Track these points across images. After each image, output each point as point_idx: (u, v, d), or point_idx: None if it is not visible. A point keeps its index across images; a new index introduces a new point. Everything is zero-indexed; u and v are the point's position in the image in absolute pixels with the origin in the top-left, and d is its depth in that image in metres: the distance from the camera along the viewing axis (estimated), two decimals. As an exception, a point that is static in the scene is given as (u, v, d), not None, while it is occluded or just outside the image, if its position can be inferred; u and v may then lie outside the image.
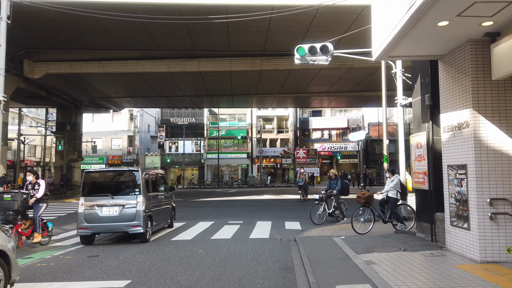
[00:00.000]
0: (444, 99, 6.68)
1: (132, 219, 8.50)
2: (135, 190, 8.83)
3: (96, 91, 29.39)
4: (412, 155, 8.05)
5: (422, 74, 7.76)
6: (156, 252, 7.58)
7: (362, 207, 9.65)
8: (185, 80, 26.85)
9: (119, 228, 8.71)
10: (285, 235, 9.59)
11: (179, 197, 24.91)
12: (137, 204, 8.59)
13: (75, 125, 31.47)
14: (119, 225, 8.60)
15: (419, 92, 7.87)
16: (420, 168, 7.72)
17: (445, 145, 6.66)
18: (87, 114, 44.81)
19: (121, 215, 8.54)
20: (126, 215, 8.53)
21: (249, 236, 9.43)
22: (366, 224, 9.51)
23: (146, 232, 8.75)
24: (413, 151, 8.03)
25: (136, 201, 8.63)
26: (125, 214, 8.54)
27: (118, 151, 45.87)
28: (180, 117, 47.84)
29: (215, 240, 8.80)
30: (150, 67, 23.42)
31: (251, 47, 21.40)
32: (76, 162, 31.75)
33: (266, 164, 46.91)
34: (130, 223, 8.49)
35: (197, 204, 19.96)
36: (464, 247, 6.09)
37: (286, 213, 14.74)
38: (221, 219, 13.10)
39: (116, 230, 8.95)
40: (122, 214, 8.54)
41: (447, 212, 6.61)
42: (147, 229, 8.83)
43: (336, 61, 22.80)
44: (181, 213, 14.96)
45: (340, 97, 33.51)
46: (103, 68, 23.33)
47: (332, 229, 10.32)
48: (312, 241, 8.13)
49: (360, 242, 7.78)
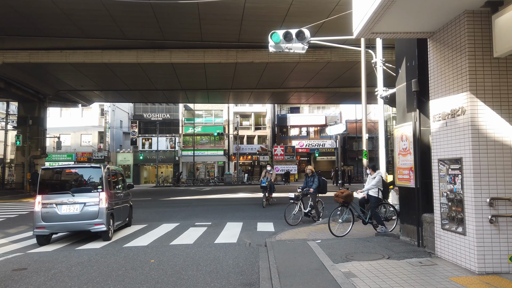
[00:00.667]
0: (435, 83, 5.80)
1: (94, 217, 8.29)
2: (97, 187, 8.64)
3: (60, 83, 27.57)
4: (396, 148, 7.17)
5: (408, 57, 6.87)
6: (99, 263, 6.41)
7: (340, 207, 8.75)
8: (156, 72, 25.46)
9: (81, 227, 8.40)
10: (255, 239, 8.59)
11: (148, 196, 23.61)
12: (99, 202, 8.40)
13: (38, 119, 29.54)
14: (80, 224, 8.32)
15: (404, 77, 6.99)
16: (405, 163, 6.84)
17: (435, 136, 5.79)
18: (55, 109, 42.70)
19: (82, 213, 8.29)
20: (88, 213, 8.30)
21: (214, 240, 8.37)
22: (344, 226, 8.61)
23: (108, 230, 8.57)
24: (397, 144, 7.14)
25: (98, 198, 8.43)
26: (87, 212, 8.30)
27: (88, 148, 43.84)
28: (154, 112, 46.16)
29: (174, 246, 7.68)
30: (117, 58, 21.93)
31: (225, 38, 20.26)
32: (39, 159, 29.81)
33: (243, 162, 45.89)
34: (92, 221, 8.27)
35: (166, 203, 18.69)
36: (458, 255, 5.22)
37: (259, 213, 13.75)
38: (188, 220, 11.99)
39: (77, 229, 8.58)
40: (84, 212, 8.30)
41: (437, 213, 5.74)
42: (109, 227, 8.65)
43: (314, 54, 22.14)
44: (145, 214, 13.75)
45: (318, 93, 32.81)
46: (66, 58, 21.72)
47: (308, 231, 9.39)
48: (284, 246, 7.15)
49: (338, 247, 6.86)
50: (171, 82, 28.33)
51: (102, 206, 8.40)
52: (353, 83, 28.35)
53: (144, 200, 20.15)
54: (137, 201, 19.97)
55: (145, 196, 23.66)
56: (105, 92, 32.19)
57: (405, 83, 6.90)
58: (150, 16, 17.00)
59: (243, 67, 24.05)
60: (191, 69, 24.42)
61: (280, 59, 22.19)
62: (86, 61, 21.87)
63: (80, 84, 28.02)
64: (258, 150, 45.65)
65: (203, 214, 13.60)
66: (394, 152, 7.24)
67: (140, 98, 36.30)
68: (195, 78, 27.12)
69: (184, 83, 28.57)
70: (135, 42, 20.91)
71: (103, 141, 44.09)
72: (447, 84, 5.46)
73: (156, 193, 26.41)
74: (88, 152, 43.43)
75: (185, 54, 22.05)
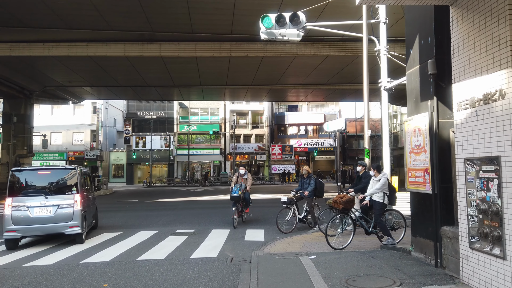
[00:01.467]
0: (461, 61, 4.56)
1: (69, 219, 8.13)
2: (72, 189, 8.50)
3: (47, 78, 26.28)
4: (407, 145, 5.94)
5: (421, 34, 5.64)
6: (39, 287, 5.17)
7: (339, 214, 7.51)
8: (146, 67, 24.18)
9: (54, 229, 8.15)
10: (240, 251, 7.36)
11: (135, 197, 22.33)
12: (74, 204, 8.24)
13: (24, 117, 28.27)
14: (54, 226, 8.10)
15: (416, 59, 5.76)
16: (419, 164, 5.61)
17: (460, 129, 4.55)
18: (46, 106, 41.49)
19: (56, 215, 8.09)
20: (62, 215, 8.11)
21: (191, 254, 7.12)
22: (344, 236, 7.38)
23: (83, 232, 8.43)
24: (408, 141, 5.91)
25: (73, 200, 8.28)
26: (61, 214, 8.11)
27: (80, 147, 42.53)
28: (148, 110, 44.85)
29: (140, 263, 6.43)
30: (103, 51, 20.66)
31: (217, 29, 19.02)
32: (25, 158, 28.55)
33: (240, 161, 44.62)
34: (66, 223, 8.10)
35: (151, 206, 17.39)
36: (494, 284, 3.98)
37: (251, 217, 12.50)
38: (170, 226, 10.74)
39: (50, 232, 8.23)
40: (58, 215, 8.10)
41: (463, 227, 4.51)
42: (83, 229, 8.50)
43: (312, 47, 20.92)
44: (125, 219, 12.52)
45: (316, 89, 31.60)
46: (49, 51, 20.46)
47: (302, 241, 8.18)
48: (272, 264, 5.92)
49: (336, 265, 5.63)
50: (163, 78, 27.08)
51: (77, 208, 8.22)
52: (353, 80, 27.18)
53: (129, 203, 18.91)
54: (122, 203, 18.78)
55: (132, 197, 22.44)
56: (96, 89, 30.95)
57: (419, 66, 5.67)
58: (135, 5, 15.77)
59: (237, 61, 22.82)
60: (183, 63, 23.16)
61: (276, 52, 21.01)
62: (71, 54, 20.59)
63: (68, 80, 26.75)
64: (255, 149, 44.41)
65: (189, 218, 12.35)
66: (405, 149, 6.01)
67: (133, 95, 35.06)
68: (187, 73, 25.85)
69: (176, 79, 27.32)
70: (122, 34, 19.65)
71: (96, 140, 42.80)
72: (477, 61, 4.23)
73: (146, 194, 25.15)
74: (80, 151, 42.14)
75: (175, 47, 20.81)
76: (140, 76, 26.01)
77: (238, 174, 11.21)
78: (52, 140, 42.49)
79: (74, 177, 8.70)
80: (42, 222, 8.01)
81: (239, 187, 10.64)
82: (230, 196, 10.62)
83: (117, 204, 18.13)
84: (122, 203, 18.63)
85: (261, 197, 21.00)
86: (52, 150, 42.07)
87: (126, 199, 20.65)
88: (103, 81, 27.57)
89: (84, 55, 20.69)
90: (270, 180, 41.82)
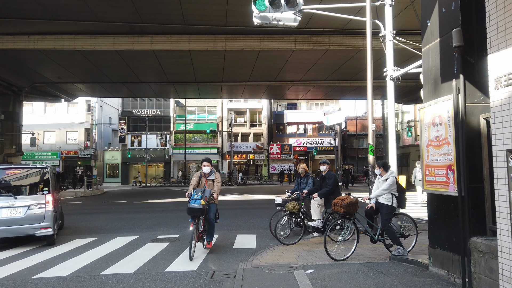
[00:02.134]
0: (501, 26, 3.52)
1: (40, 220, 7.82)
2: (43, 189, 8.18)
3: (34, 74, 25.22)
4: (424, 137, 4.91)
5: (442, 0, 4.60)
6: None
7: (340, 219, 6.48)
8: (138, 62, 23.11)
9: (24, 231, 7.80)
10: (226, 262, 6.33)
11: (125, 198, 21.24)
12: (46, 204, 7.94)
13: (13, 114, 27.22)
14: (24, 228, 7.77)
15: (436, 31, 4.72)
16: (440, 159, 4.57)
17: (500, 112, 3.51)
18: (39, 104, 40.49)
19: (27, 216, 7.75)
20: (33, 216, 7.79)
21: (167, 266, 6.06)
22: (346, 245, 6.37)
23: (54, 233, 8.16)
24: (425, 132, 4.88)
25: (45, 200, 7.97)
26: (32, 215, 7.79)
27: (74, 146, 41.47)
28: (144, 108, 43.80)
29: (103, 279, 5.37)
30: (92, 44, 19.62)
31: (211, 21, 17.99)
32: (14, 157, 27.47)
33: (238, 160, 43.64)
34: (38, 224, 7.79)
35: (140, 207, 16.30)
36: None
37: (243, 220, 11.51)
38: (153, 230, 9.72)
39: (20, 234, 7.87)
40: (28, 215, 7.76)
41: (504, 240, 3.47)
42: (55, 230, 8.26)
43: (311, 41, 19.93)
44: (106, 222, 11.48)
45: (316, 86, 30.58)
46: (34, 44, 19.41)
47: (299, 249, 7.17)
48: (260, 281, 4.89)
49: (338, 285, 4.60)
50: (156, 74, 26.04)
51: (49, 209, 7.92)
52: (354, 76, 26.21)
53: (117, 204, 17.84)
54: (109, 204, 17.74)
55: (122, 198, 21.38)
56: (89, 86, 29.91)
57: (439, 39, 4.64)
58: (121, -7, 14.77)
59: (233, 55, 21.78)
60: (176, 57, 22.09)
61: (274, 46, 20.02)
62: (57, 47, 19.55)
63: (57, 75, 25.68)
64: (253, 148, 43.40)
65: (175, 222, 11.29)
66: (421, 142, 4.97)
67: (127, 93, 33.99)
68: (181, 68, 24.79)
69: (170, 75, 26.27)
70: (110, 26, 18.59)
71: (90, 139, 41.75)
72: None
73: (137, 195, 24.09)
74: (73, 150, 41.10)
75: (167, 41, 19.78)
76: (132, 72, 24.96)
77: (200, 174, 7.29)
78: (45, 139, 41.49)
79: (46, 177, 8.35)
80: (10, 223, 7.66)
81: (202, 194, 6.71)
82: (188, 207, 6.66)
83: (104, 206, 17.07)
84: (109, 204, 17.57)
85: (258, 197, 19.98)
86: (45, 149, 41.06)
87: (115, 200, 19.62)
88: (95, 77, 26.52)
89: (71, 48, 19.64)
90: (268, 180, 40.84)
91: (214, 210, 7.07)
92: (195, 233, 6.62)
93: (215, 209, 7.10)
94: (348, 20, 16.97)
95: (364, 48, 10.57)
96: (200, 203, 6.57)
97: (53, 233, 8.05)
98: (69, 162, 41.66)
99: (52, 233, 7.97)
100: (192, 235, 6.53)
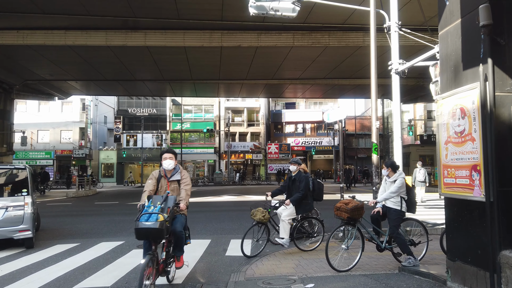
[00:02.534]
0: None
1: (19, 222, 7.56)
2: (22, 190, 7.88)
3: (25, 71, 24.52)
4: (442, 133, 4.28)
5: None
6: None
7: (344, 225, 5.86)
8: (132, 59, 22.46)
9: (2, 234, 7.51)
10: (216, 273, 5.70)
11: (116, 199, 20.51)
12: (25, 206, 7.67)
13: (4, 113, 26.51)
14: (1, 231, 7.47)
15: (457, 10, 4.10)
16: (462, 158, 3.95)
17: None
18: (33, 103, 39.79)
19: (4, 219, 7.49)
20: (11, 218, 7.53)
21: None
22: (350, 254, 5.74)
23: (33, 236, 7.86)
24: (443, 127, 4.25)
25: (24, 202, 7.71)
26: (10, 217, 7.53)
27: (68, 145, 40.72)
28: (139, 107, 43.08)
29: (75, 294, 4.75)
30: (83, 39, 18.96)
31: (207, 15, 17.37)
32: (5, 156, 26.76)
33: (235, 160, 42.99)
34: (16, 227, 7.53)
35: (130, 209, 15.47)
36: None
37: (239, 223, 10.88)
38: (141, 235, 9.06)
39: None
40: (6, 218, 7.51)
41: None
42: (34, 233, 7.96)
43: (310, 37, 19.34)
44: (93, 224, 10.83)
45: (314, 85, 29.99)
46: (24, 39, 18.76)
47: (297, 256, 6.57)
48: (252, 298, 4.26)
49: (343, 303, 3.97)
50: (151, 72, 25.38)
51: (27, 211, 7.65)
52: (353, 74, 25.66)
53: (108, 205, 17.13)
54: (99, 206, 17.04)
55: (114, 199, 20.66)
56: (83, 84, 29.23)
57: (460, 19, 4.02)
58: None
59: (230, 52, 21.14)
60: (171, 54, 21.43)
61: (271, 42, 19.43)
62: (47, 43, 18.90)
63: (49, 72, 24.99)
64: (251, 148, 42.77)
65: (167, 225, 10.64)
66: (439, 139, 4.35)
67: (122, 91, 33.36)
68: (177, 66, 24.13)
69: (165, 73, 25.60)
70: (102, 21, 17.96)
71: (85, 138, 41.02)
72: None
73: (130, 196, 23.38)
74: (68, 150, 40.35)
75: (161, 36, 19.17)
76: (127, 69, 24.30)
77: (159, 174, 4.91)
78: (39, 138, 40.75)
79: (25, 177, 8.07)
80: None
81: (162, 204, 4.40)
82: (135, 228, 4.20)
83: (93, 207, 16.38)
84: (99, 206, 16.89)
85: (255, 198, 19.34)
86: (39, 149, 40.33)
87: (106, 201, 18.93)
88: (88, 74, 25.83)
89: (62, 44, 18.98)
90: (266, 180, 40.23)
91: (183, 221, 4.76)
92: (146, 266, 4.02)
93: (183, 220, 4.78)
94: (349, 14, 16.36)
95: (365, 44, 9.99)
96: (158, 219, 4.14)
97: (32, 236, 7.78)
98: (63, 161, 40.92)
99: (31, 235, 7.71)
100: (142, 272, 3.90)
